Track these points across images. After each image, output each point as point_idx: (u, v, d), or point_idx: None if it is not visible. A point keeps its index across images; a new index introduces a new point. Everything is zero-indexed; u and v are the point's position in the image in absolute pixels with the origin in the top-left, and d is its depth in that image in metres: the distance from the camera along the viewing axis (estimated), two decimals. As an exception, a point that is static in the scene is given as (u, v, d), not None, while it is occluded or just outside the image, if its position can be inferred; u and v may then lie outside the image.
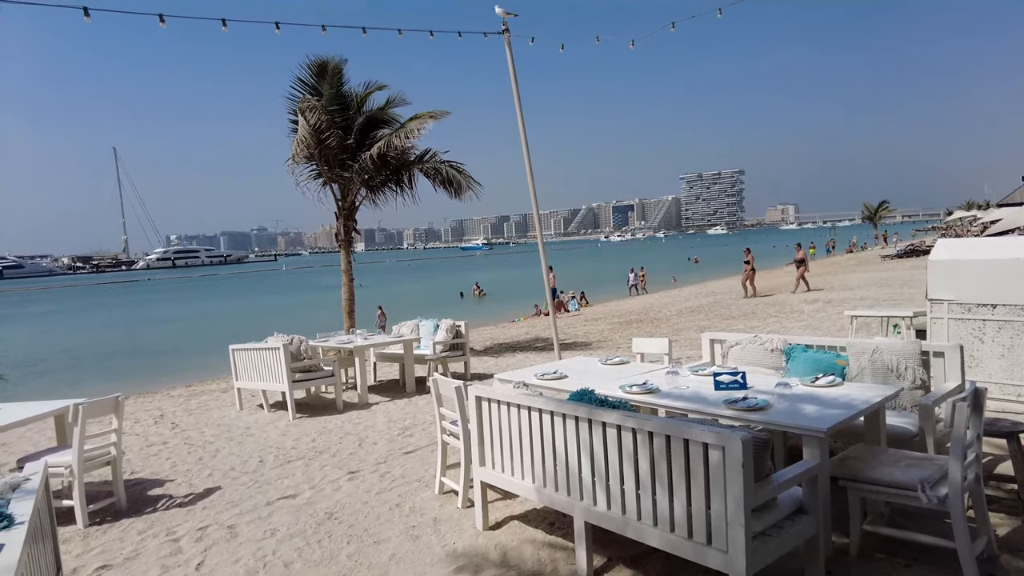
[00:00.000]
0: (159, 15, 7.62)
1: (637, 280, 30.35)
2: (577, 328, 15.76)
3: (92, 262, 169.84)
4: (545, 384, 4.64)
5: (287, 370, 7.48)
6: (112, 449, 5.06)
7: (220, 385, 10.97)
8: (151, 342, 25.01)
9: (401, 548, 3.97)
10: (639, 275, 30.65)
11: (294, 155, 11.39)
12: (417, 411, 7.64)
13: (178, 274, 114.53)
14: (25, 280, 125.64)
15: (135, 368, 17.81)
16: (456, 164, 12.32)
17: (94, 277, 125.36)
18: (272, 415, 7.93)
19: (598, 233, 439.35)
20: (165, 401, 9.80)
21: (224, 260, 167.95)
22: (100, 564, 4.09)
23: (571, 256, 79.28)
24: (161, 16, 7.63)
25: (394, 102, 12.55)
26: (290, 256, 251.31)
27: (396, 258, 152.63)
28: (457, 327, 9.13)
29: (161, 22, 7.69)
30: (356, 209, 12.37)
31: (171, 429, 7.69)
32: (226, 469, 5.86)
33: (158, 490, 5.48)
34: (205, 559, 4.04)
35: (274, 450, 6.35)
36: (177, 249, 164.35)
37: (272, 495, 5.08)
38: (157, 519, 4.79)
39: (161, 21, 7.69)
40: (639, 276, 30.61)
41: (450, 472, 4.84)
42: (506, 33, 8.91)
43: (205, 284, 74.86)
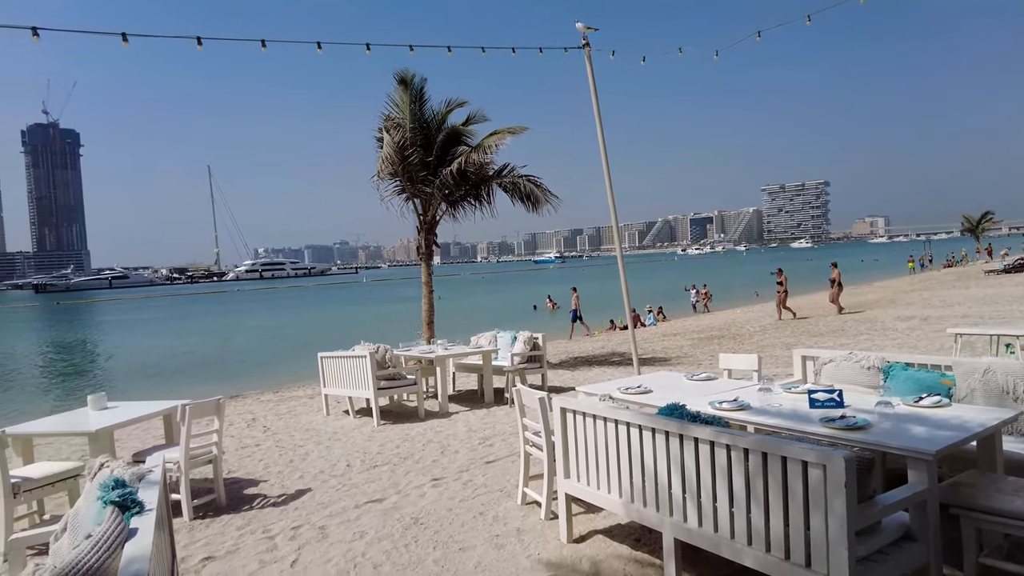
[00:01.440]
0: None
1: (699, 298, 29.09)
2: (655, 343, 15.49)
3: (187, 273, 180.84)
4: (630, 398, 4.59)
5: (373, 378, 7.73)
6: (214, 448, 5.37)
7: (307, 391, 11.43)
8: (242, 349, 26.36)
9: (486, 556, 4.01)
10: (701, 292, 29.38)
11: (379, 172, 11.81)
12: (496, 421, 7.71)
13: (265, 285, 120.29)
14: (130, 290, 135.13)
15: (227, 373, 18.81)
16: (534, 178, 12.44)
17: (189, 287, 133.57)
18: (357, 421, 8.20)
19: (674, 246, 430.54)
20: (256, 405, 10.29)
21: (308, 272, 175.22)
22: (205, 555, 4.34)
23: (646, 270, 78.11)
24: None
25: (474, 119, 12.84)
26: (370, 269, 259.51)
27: (470, 271, 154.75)
28: (535, 339, 9.17)
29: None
30: (436, 223, 12.67)
31: (263, 432, 8.08)
32: (315, 472, 6.10)
33: (253, 489, 5.76)
34: (299, 557, 4.21)
35: (360, 455, 6.56)
36: (264, 262, 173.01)
37: (360, 498, 5.24)
38: (254, 516, 5.03)
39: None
40: (701, 294, 29.34)
41: (533, 483, 4.85)
42: (586, 47, 8.96)
43: (291, 295, 78.28)
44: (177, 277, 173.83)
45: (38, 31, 6.33)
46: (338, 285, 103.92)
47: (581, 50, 8.98)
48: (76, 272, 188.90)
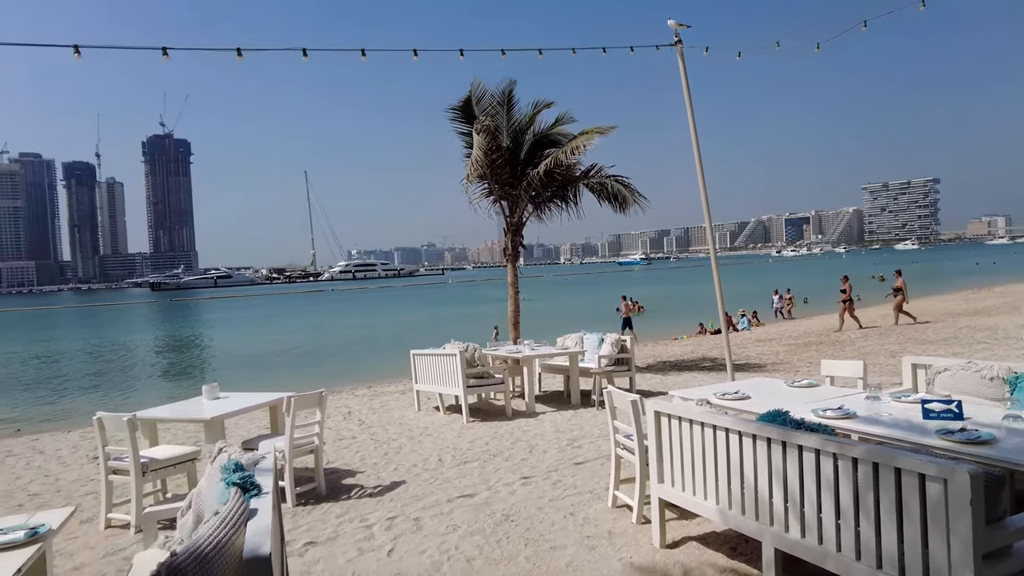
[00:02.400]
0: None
1: (782, 303, 27.05)
2: (749, 349, 14.95)
3: (285, 273, 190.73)
4: (727, 404, 4.46)
5: (463, 375, 7.89)
6: (315, 439, 5.64)
7: (398, 387, 11.81)
8: (337, 346, 27.53)
9: (578, 557, 4.01)
10: (784, 297, 27.33)
11: (468, 175, 12.04)
12: (583, 423, 7.68)
13: (357, 285, 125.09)
14: (233, 288, 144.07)
15: (323, 368, 19.72)
16: (622, 178, 12.31)
17: (286, 287, 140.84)
18: (447, 417, 8.40)
19: (768, 247, 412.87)
20: (351, 400, 10.73)
21: (398, 273, 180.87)
22: (307, 540, 4.57)
23: (738, 272, 75.45)
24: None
25: (562, 120, 12.85)
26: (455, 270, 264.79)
27: (553, 272, 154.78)
28: (622, 342, 9.07)
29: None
30: (523, 225, 12.78)
31: (358, 425, 8.42)
32: (409, 465, 6.29)
33: (350, 480, 6.01)
34: (395, 547, 4.36)
35: (451, 450, 6.72)
36: (357, 263, 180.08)
37: (452, 493, 5.37)
38: (352, 506, 5.25)
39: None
40: (784, 299, 27.29)
41: (624, 487, 4.81)
42: (679, 45, 8.79)
43: (381, 295, 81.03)
44: (276, 277, 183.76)
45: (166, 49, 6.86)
46: (425, 286, 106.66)
47: (673, 47, 8.82)
48: (186, 271, 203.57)
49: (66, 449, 8.45)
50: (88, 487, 6.29)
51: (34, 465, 7.61)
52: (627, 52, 9.80)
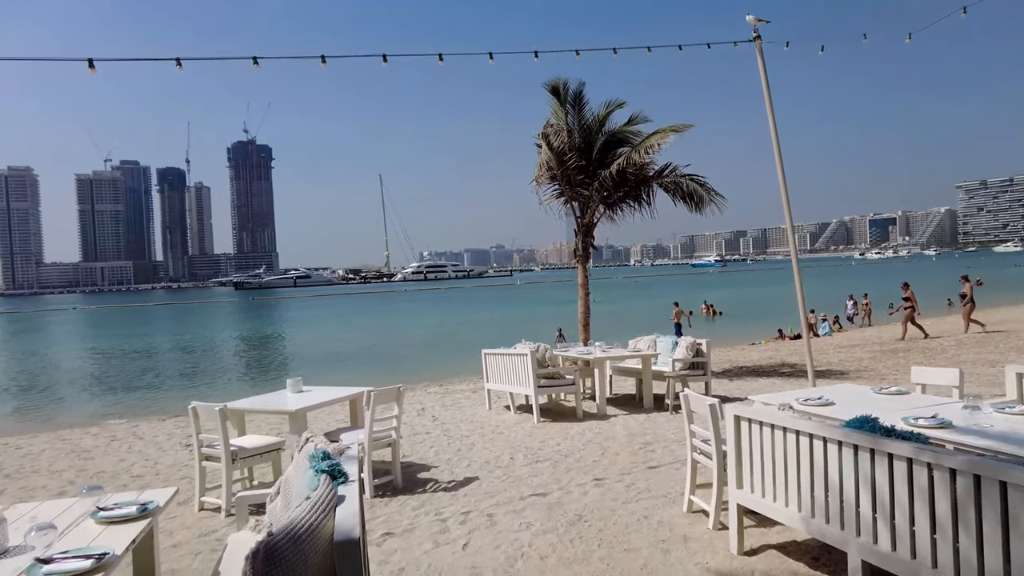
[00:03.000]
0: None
1: (858, 309, 24.99)
2: (830, 355, 14.33)
3: (360, 274, 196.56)
4: (811, 410, 4.31)
5: (534, 375, 7.93)
6: (393, 433, 5.81)
7: (470, 386, 11.98)
8: (409, 344, 28.18)
9: (652, 559, 3.97)
10: (861, 304, 25.16)
11: (538, 176, 12.09)
12: (657, 427, 7.58)
13: (429, 286, 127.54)
14: (312, 288, 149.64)
15: (397, 365, 20.22)
16: (697, 177, 12.06)
17: (361, 287, 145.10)
18: (518, 417, 8.46)
19: (851, 249, 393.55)
20: (424, 396, 10.97)
21: (467, 274, 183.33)
22: (384, 531, 4.72)
23: (819, 275, 72.34)
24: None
25: (635, 119, 12.72)
26: (524, 272, 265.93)
27: (623, 274, 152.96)
28: (698, 345, 8.88)
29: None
30: (594, 226, 12.71)
31: (432, 421, 8.60)
32: (481, 462, 6.39)
33: (425, 474, 6.16)
34: (469, 541, 4.44)
35: (523, 449, 6.77)
36: (428, 264, 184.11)
37: (524, 491, 5.41)
38: (427, 499, 5.38)
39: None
40: (861, 305, 25.12)
41: (700, 491, 4.72)
42: (757, 40, 8.56)
43: (451, 295, 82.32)
44: (352, 277, 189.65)
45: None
46: (493, 287, 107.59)
47: (752, 43, 8.59)
48: (267, 272, 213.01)
49: (162, 436, 9.02)
50: (183, 472, 6.70)
51: (135, 449, 8.17)
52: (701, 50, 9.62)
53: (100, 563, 2.32)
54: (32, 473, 7.29)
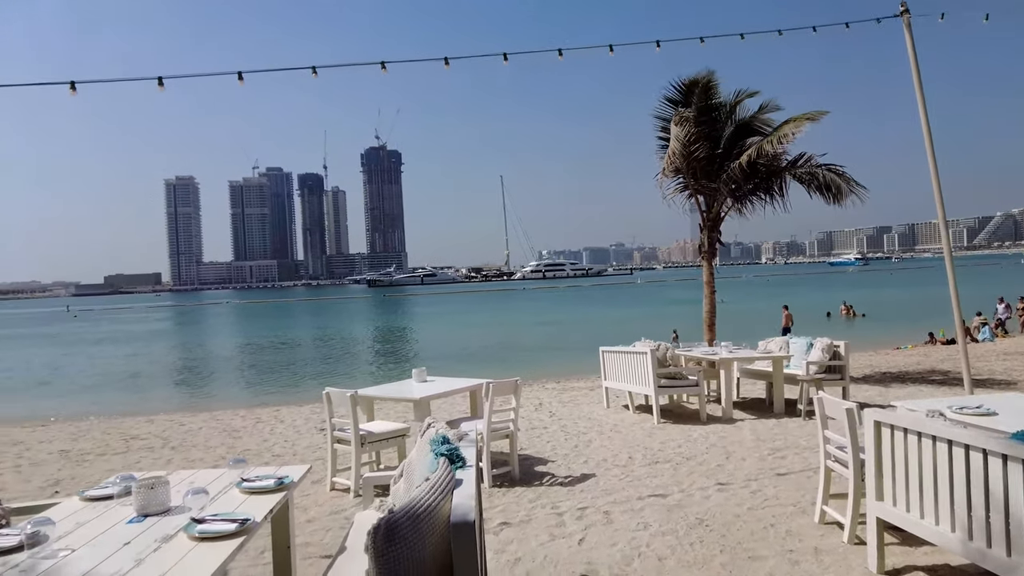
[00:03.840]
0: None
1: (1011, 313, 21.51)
2: (992, 363, 12.82)
3: (482, 272, 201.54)
4: (967, 418, 3.87)
5: (654, 375, 7.73)
6: (511, 425, 5.89)
7: (587, 383, 11.90)
8: (527, 339, 28.51)
9: (779, 569, 3.73)
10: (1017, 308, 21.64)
11: (663, 169, 11.76)
12: (787, 433, 7.14)
13: (547, 284, 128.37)
14: (437, 285, 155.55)
15: (515, 360, 20.52)
16: (835, 167, 11.22)
17: (483, 285, 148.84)
18: (637, 416, 8.29)
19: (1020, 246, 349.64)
20: (542, 392, 11.03)
21: (586, 273, 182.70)
22: (501, 520, 4.78)
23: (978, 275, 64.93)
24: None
25: (766, 108, 12.05)
26: (644, 270, 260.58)
27: (753, 273, 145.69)
28: (835, 348, 8.26)
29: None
30: (721, 220, 12.19)
31: (549, 416, 8.63)
32: (599, 459, 6.32)
33: (542, 467, 6.18)
34: (585, 537, 4.40)
35: (641, 449, 6.62)
36: (547, 262, 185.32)
37: (643, 491, 5.29)
38: (543, 492, 5.40)
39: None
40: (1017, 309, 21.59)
41: (833, 502, 4.38)
42: (905, 15, 7.82)
43: (570, 294, 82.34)
44: (474, 276, 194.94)
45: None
46: (612, 285, 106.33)
47: (898, 18, 7.86)
48: (397, 270, 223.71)
49: (300, 420, 9.73)
50: (317, 453, 7.18)
51: (277, 431, 8.87)
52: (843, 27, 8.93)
53: (243, 527, 2.53)
54: (192, 447, 8.12)
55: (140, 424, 10.29)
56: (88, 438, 9.18)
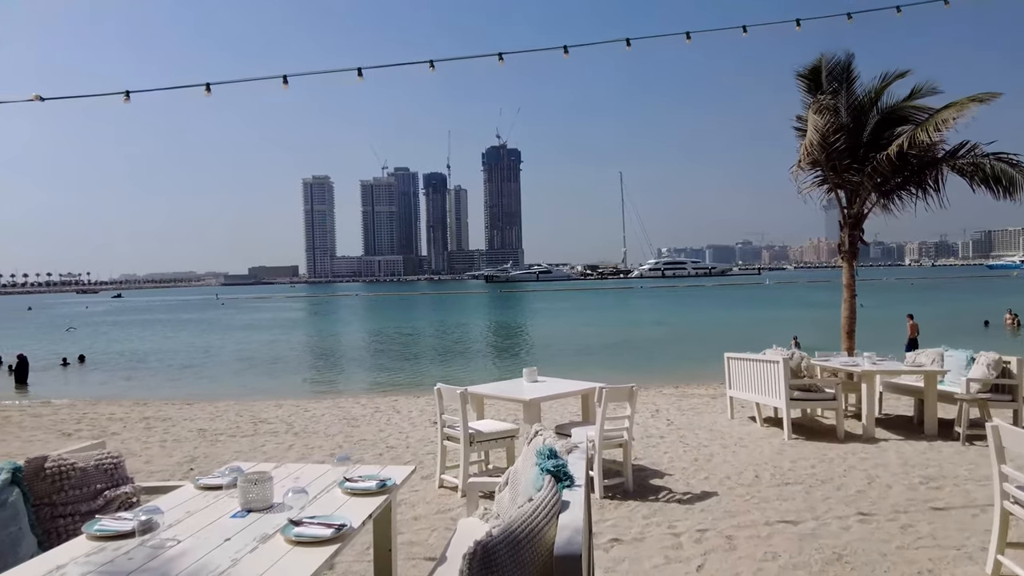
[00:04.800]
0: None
1: None
2: None
3: (598, 270, 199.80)
4: None
5: (786, 386, 7.07)
6: (624, 433, 5.55)
7: (708, 391, 11.25)
8: (643, 342, 27.71)
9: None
10: None
11: (799, 161, 10.83)
12: (943, 460, 6.26)
13: (666, 283, 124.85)
14: (552, 282, 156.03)
15: (631, 362, 19.96)
16: (1008, 156, 9.82)
17: (598, 283, 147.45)
18: (765, 430, 7.64)
19: None
20: (658, 398, 10.53)
21: (708, 272, 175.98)
22: (612, 536, 4.48)
23: None
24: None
25: (919, 92, 10.78)
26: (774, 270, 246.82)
27: (895, 275, 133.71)
28: (1005, 364, 7.18)
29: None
30: (864, 218, 11.08)
31: (666, 425, 8.17)
32: (721, 476, 5.83)
33: (658, 481, 5.79)
34: (705, 563, 4.01)
35: (770, 467, 6.04)
36: (667, 261, 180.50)
37: (771, 515, 4.78)
38: (659, 509, 5.03)
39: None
40: None
41: (1012, 552, 3.70)
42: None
43: (690, 294, 79.55)
44: (589, 273, 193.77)
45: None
46: (737, 286, 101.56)
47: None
48: (513, 267, 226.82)
49: (415, 411, 9.89)
50: (428, 448, 7.20)
51: (393, 422, 9.06)
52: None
53: (339, 533, 2.43)
54: (312, 434, 8.46)
55: (269, 408, 10.92)
56: (223, 419, 9.85)
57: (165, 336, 38.06)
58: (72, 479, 3.38)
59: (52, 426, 9.78)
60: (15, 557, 2.83)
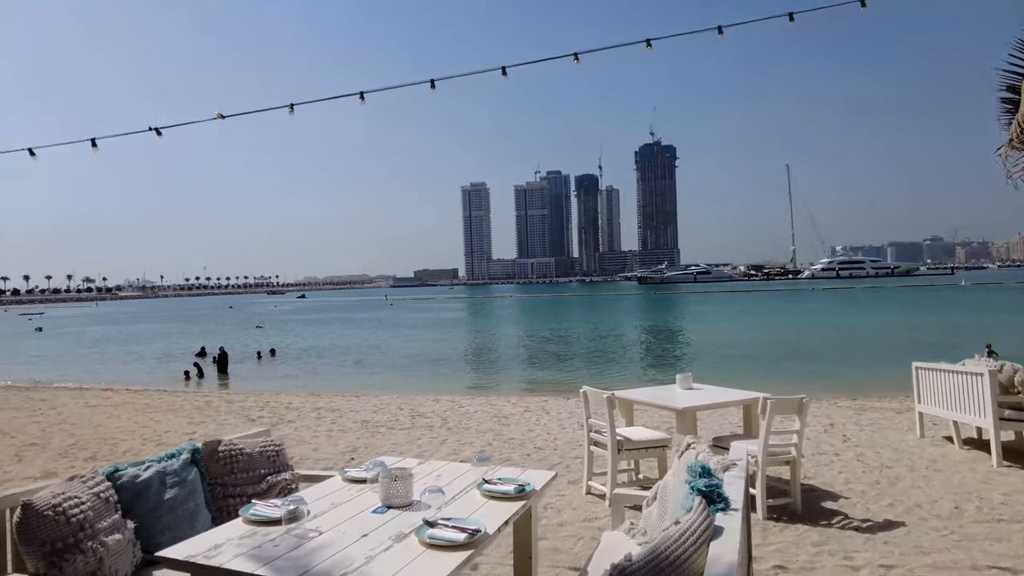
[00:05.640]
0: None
1: None
2: None
3: (763, 270, 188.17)
4: None
5: (993, 403, 6.01)
6: (792, 450, 5.00)
7: (892, 404, 9.98)
8: (815, 348, 25.45)
9: None
10: None
11: (1010, 140, 9.25)
12: None
13: (842, 284, 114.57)
14: (711, 284, 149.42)
15: (800, 371, 18.37)
16: None
17: (763, 284, 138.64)
18: (966, 453, 6.56)
19: None
20: (833, 410, 9.51)
21: (891, 272, 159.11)
22: (777, 563, 4.02)
23: None
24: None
25: None
26: (972, 269, 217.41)
27: None
28: None
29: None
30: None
31: (842, 441, 7.31)
32: (909, 504, 5.05)
33: (832, 504, 5.15)
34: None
35: (975, 499, 5.13)
36: (842, 260, 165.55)
37: (979, 558, 4.02)
38: (832, 536, 4.45)
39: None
40: None
41: None
42: None
43: (870, 296, 72.24)
44: (753, 274, 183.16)
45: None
46: (926, 287, 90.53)
47: None
48: (668, 267, 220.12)
49: (564, 413, 9.76)
50: (577, 452, 7.02)
51: (541, 423, 9.00)
52: None
53: (472, 539, 2.33)
54: (464, 429, 8.63)
55: (427, 403, 11.37)
56: (385, 411, 10.39)
57: (342, 333, 41.45)
58: (240, 463, 3.63)
59: (241, 412, 10.91)
60: (192, 530, 3.07)
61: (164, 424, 9.80)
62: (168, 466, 3.24)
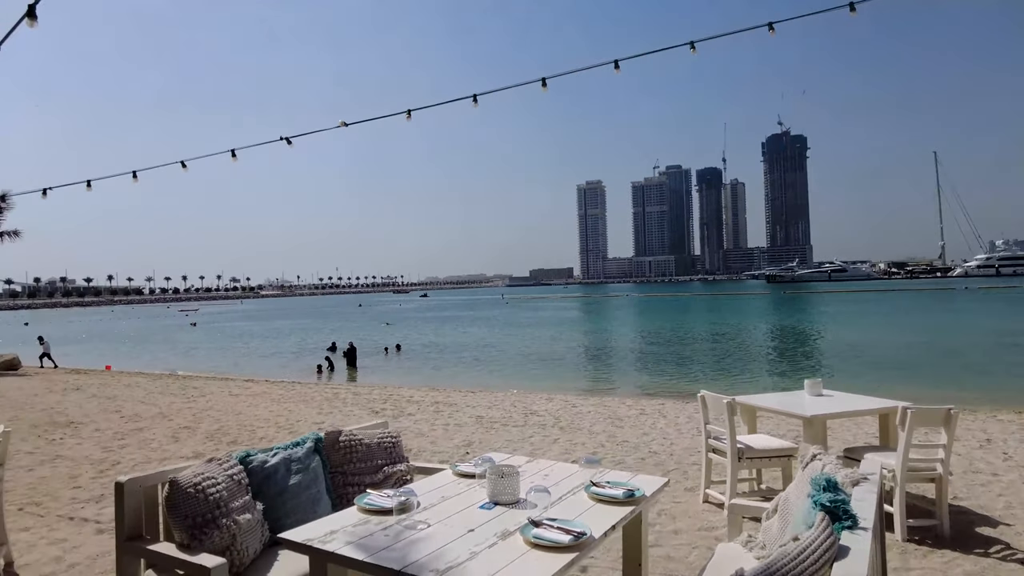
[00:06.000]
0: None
1: None
2: None
3: (906, 268, 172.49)
4: None
5: None
6: (938, 466, 4.51)
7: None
8: (969, 354, 22.94)
9: None
10: None
11: None
12: None
13: (1001, 283, 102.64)
14: (848, 283, 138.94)
15: (948, 379, 16.62)
16: None
17: (906, 283, 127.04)
18: None
19: None
20: (991, 424, 8.51)
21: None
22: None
23: None
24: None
25: None
26: None
27: None
28: None
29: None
30: None
31: (1002, 460, 6.51)
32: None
33: (987, 529, 4.59)
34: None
35: None
36: (1003, 255, 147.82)
37: None
38: (990, 567, 3.96)
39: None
40: None
41: None
42: None
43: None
44: (895, 272, 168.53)
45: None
46: (1113, 288, 78.88)
47: None
48: (800, 265, 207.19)
49: (683, 417, 9.44)
50: (694, 458, 6.75)
51: (658, 427, 8.75)
52: None
53: (577, 542, 2.29)
54: (577, 430, 8.57)
55: (541, 401, 11.42)
56: (499, 408, 10.55)
57: (462, 331, 42.71)
58: (359, 453, 3.81)
59: (366, 404, 11.51)
60: (315, 514, 3.25)
61: (296, 414, 10.53)
62: (293, 453, 3.45)
